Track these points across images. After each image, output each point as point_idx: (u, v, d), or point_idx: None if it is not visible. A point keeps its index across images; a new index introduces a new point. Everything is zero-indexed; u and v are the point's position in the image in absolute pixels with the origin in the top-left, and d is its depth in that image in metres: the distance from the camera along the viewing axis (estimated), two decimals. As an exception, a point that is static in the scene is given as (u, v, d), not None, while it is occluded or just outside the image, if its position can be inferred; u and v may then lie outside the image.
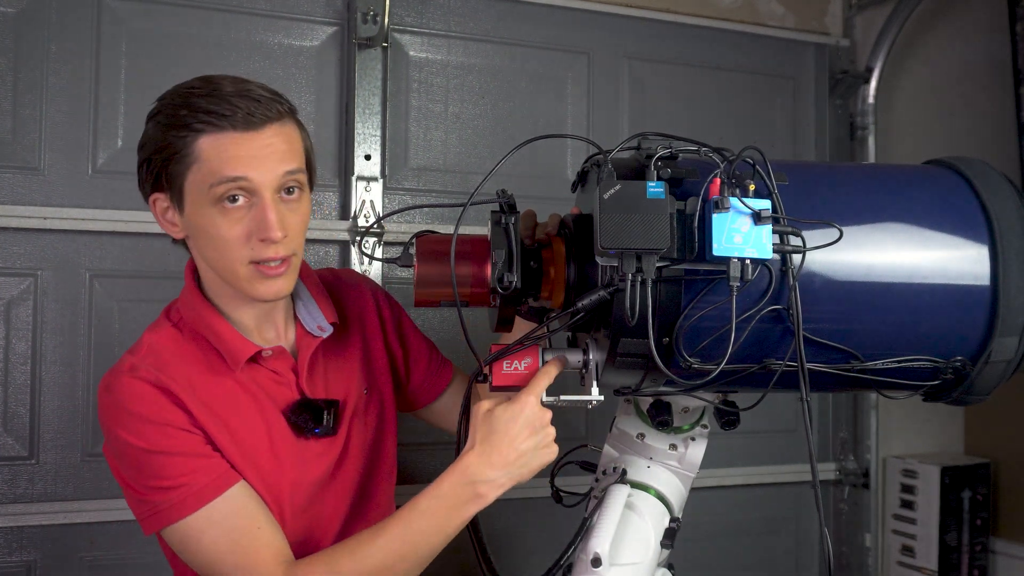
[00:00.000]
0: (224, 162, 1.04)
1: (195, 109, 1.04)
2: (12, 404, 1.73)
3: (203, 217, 1.06)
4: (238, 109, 1.04)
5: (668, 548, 1.13)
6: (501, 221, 1.01)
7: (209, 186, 1.04)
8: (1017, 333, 0.99)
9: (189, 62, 1.83)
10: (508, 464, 1.04)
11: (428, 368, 1.40)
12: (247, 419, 1.14)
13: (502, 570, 1.12)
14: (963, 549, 2.25)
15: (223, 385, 1.13)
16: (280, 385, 1.18)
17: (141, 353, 1.12)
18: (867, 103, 2.35)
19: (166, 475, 1.06)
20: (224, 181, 1.04)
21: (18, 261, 1.73)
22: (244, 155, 1.04)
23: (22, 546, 1.72)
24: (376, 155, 1.93)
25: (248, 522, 1.08)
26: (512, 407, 1.04)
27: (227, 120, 1.04)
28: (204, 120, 1.03)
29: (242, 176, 1.04)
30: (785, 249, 0.94)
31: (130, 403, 1.07)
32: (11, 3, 1.74)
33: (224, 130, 1.04)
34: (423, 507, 1.05)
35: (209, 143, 1.04)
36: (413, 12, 2.03)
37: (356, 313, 1.31)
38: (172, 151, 1.05)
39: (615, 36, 2.19)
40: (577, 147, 2.13)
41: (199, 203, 1.06)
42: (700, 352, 0.96)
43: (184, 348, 1.14)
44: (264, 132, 1.06)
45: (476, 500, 1.05)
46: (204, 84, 1.07)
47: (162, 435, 1.06)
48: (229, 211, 1.05)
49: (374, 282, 1.41)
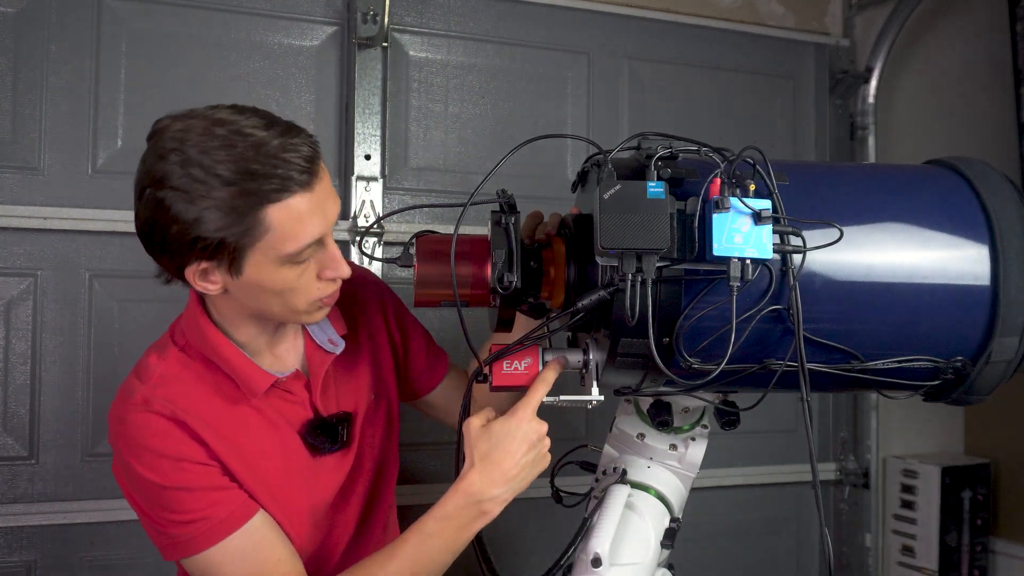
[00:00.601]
0: (300, 229, 0.97)
1: (244, 181, 0.93)
2: (12, 404, 1.73)
3: (270, 277, 1.00)
4: (291, 165, 0.95)
5: (668, 548, 1.13)
6: (501, 221, 1.01)
7: (285, 253, 0.98)
8: (1017, 333, 0.99)
9: (189, 62, 1.83)
10: (509, 480, 1.04)
11: (427, 360, 1.39)
12: (263, 445, 1.11)
13: (502, 570, 1.12)
14: (963, 549, 2.25)
15: (237, 413, 1.10)
16: (293, 405, 1.15)
17: (152, 382, 1.07)
18: (867, 103, 2.35)
19: (185, 509, 1.04)
20: (304, 248, 0.99)
21: (18, 261, 1.73)
22: (314, 214, 0.98)
23: (22, 546, 1.72)
24: (376, 155, 1.93)
25: (268, 554, 1.07)
26: (509, 422, 1.04)
27: (290, 183, 0.95)
28: (267, 192, 0.94)
29: (318, 238, 1.00)
30: (785, 249, 0.94)
31: (145, 438, 1.03)
32: (11, 3, 1.74)
33: (291, 196, 0.95)
34: (431, 530, 1.05)
35: (279, 214, 0.95)
36: (413, 12, 2.03)
37: (363, 317, 1.29)
38: (231, 229, 0.95)
39: (615, 36, 2.19)
40: (577, 147, 2.13)
41: (265, 265, 0.99)
42: (700, 352, 0.96)
43: (194, 375, 1.09)
44: (320, 180, 0.99)
45: (481, 517, 1.06)
46: (250, 149, 0.94)
47: (179, 470, 1.04)
48: (300, 264, 1.01)
49: (374, 275, 1.38)
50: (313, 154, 0.98)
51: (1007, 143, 2.15)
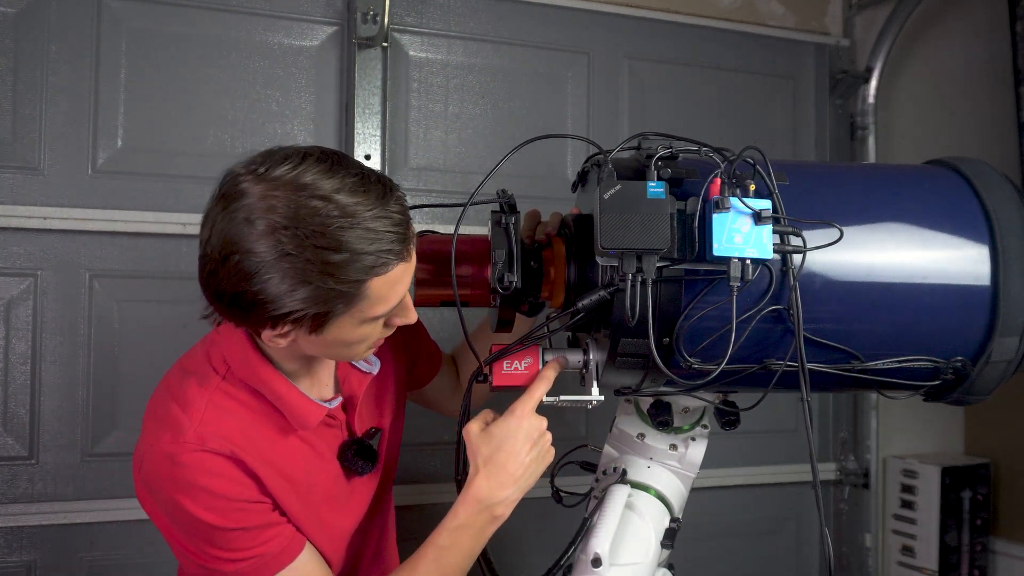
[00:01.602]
0: (392, 294, 0.96)
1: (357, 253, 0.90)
2: (12, 404, 1.72)
3: (350, 333, 0.98)
4: (387, 237, 0.92)
5: (668, 548, 1.13)
6: (501, 221, 1.01)
7: (373, 315, 0.96)
8: (1017, 333, 0.99)
9: (189, 62, 1.83)
10: (516, 480, 1.04)
11: (428, 353, 1.39)
12: (311, 475, 1.10)
13: (502, 570, 1.12)
14: (963, 549, 2.25)
15: (287, 444, 1.08)
16: (333, 428, 1.14)
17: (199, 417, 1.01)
18: (867, 103, 2.35)
19: (237, 548, 1.02)
20: (393, 308, 0.98)
21: (18, 261, 1.73)
22: (405, 277, 0.97)
23: (22, 546, 1.72)
24: (376, 155, 1.93)
25: None
26: (509, 423, 1.04)
27: (392, 256, 0.93)
28: (368, 270, 0.91)
29: (405, 306, 1.01)
30: (786, 249, 0.94)
31: (202, 479, 0.99)
32: (11, 3, 1.73)
33: (391, 268, 0.93)
34: (446, 542, 1.05)
35: (379, 284, 0.93)
36: (413, 12, 2.03)
37: None
38: (333, 300, 0.92)
39: (615, 36, 2.19)
40: (577, 147, 2.13)
41: (349, 327, 0.97)
42: (700, 352, 0.96)
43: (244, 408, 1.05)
44: (412, 244, 0.97)
45: (494, 521, 1.06)
46: (335, 209, 0.89)
47: (236, 510, 1.01)
48: (380, 319, 0.99)
49: None
50: (404, 219, 0.94)
51: (1007, 143, 2.15)
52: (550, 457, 1.08)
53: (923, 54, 2.41)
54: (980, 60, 2.33)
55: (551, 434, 1.08)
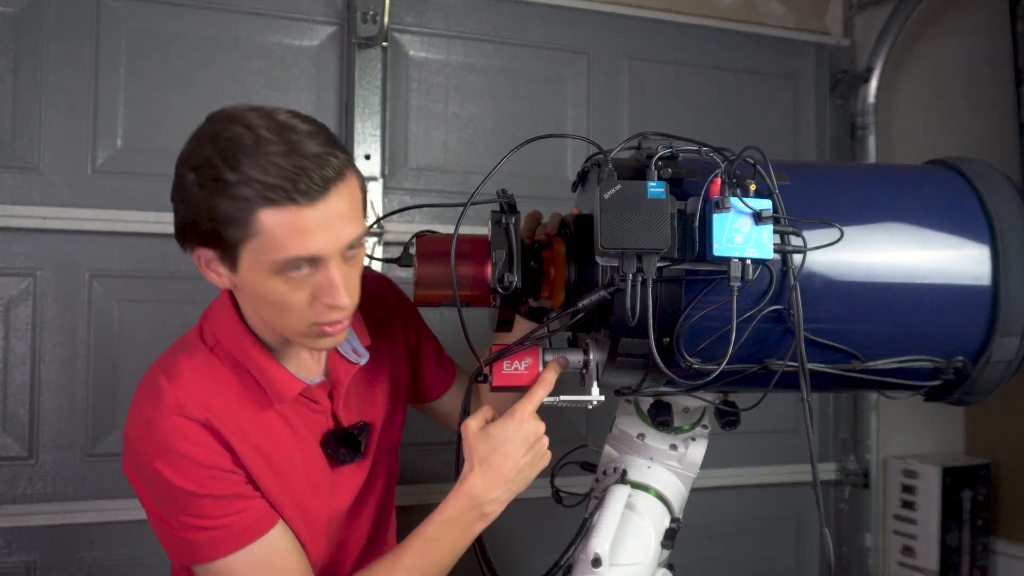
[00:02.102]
0: (290, 239, 0.93)
1: (249, 180, 0.91)
2: (12, 404, 1.72)
3: (261, 284, 0.97)
4: (300, 177, 0.91)
5: (668, 548, 1.13)
6: (501, 221, 1.01)
7: (272, 260, 0.94)
8: (1018, 333, 0.99)
9: (189, 62, 1.83)
10: (509, 482, 1.05)
11: (437, 366, 1.39)
12: (288, 453, 1.10)
13: (502, 570, 1.12)
14: (964, 549, 2.25)
15: (265, 419, 1.09)
16: (316, 414, 1.14)
17: (182, 385, 1.04)
18: (867, 103, 2.35)
19: (208, 515, 1.02)
20: (291, 259, 0.94)
21: (18, 261, 1.73)
22: (311, 230, 0.93)
23: (22, 546, 1.72)
24: (376, 155, 1.93)
25: (284, 565, 1.07)
26: (508, 425, 1.04)
27: (288, 193, 0.91)
28: (264, 195, 0.91)
29: (310, 255, 0.95)
30: (786, 249, 0.94)
31: (177, 443, 1.00)
32: (11, 3, 1.73)
33: (286, 205, 0.91)
34: (433, 535, 1.06)
35: (271, 218, 0.92)
36: (413, 12, 2.02)
37: (384, 328, 1.27)
38: (226, 220, 0.93)
39: (615, 36, 2.19)
40: (577, 147, 2.13)
41: (257, 271, 0.96)
42: (701, 352, 0.96)
43: (226, 379, 1.07)
44: (328, 199, 0.94)
45: (483, 519, 1.06)
46: (253, 142, 0.92)
47: (207, 476, 1.02)
48: (292, 279, 0.96)
49: (389, 280, 1.36)
50: (335, 175, 0.94)
51: (1007, 143, 2.15)
52: (545, 461, 1.09)
53: (923, 54, 2.41)
54: (980, 60, 2.33)
55: (548, 438, 1.08)
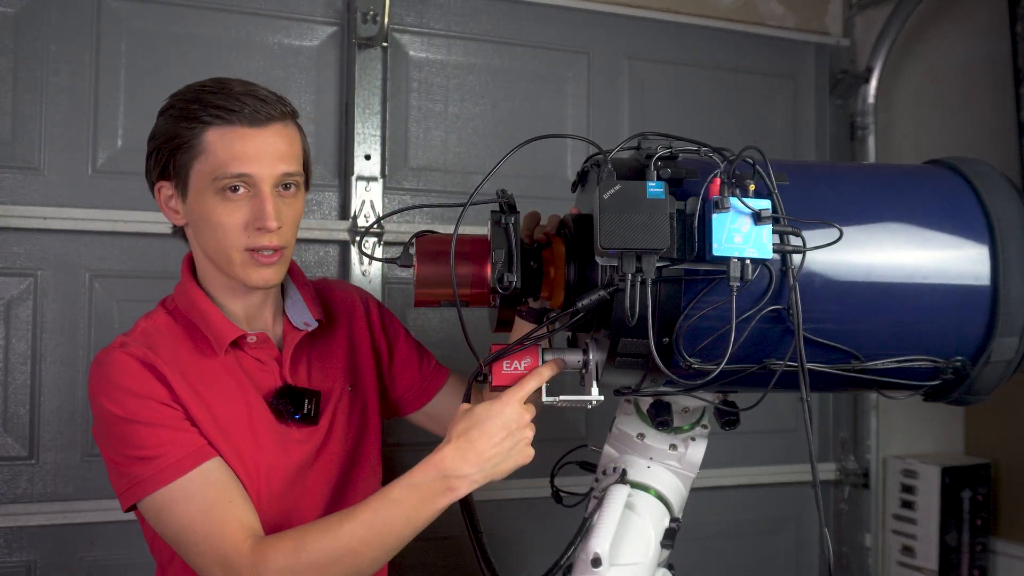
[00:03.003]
0: (230, 157, 1.10)
1: (205, 104, 1.11)
2: (12, 404, 1.73)
3: (205, 205, 1.13)
4: (245, 106, 1.11)
5: (668, 548, 1.13)
6: (501, 221, 1.01)
7: (213, 178, 1.11)
8: (1017, 333, 0.99)
9: (189, 62, 1.83)
10: (483, 461, 1.04)
11: (419, 374, 1.41)
12: (228, 400, 1.17)
13: (502, 570, 1.12)
14: (963, 549, 2.25)
15: (208, 366, 1.18)
16: (263, 373, 1.22)
17: (134, 335, 1.18)
18: (867, 103, 2.35)
19: (144, 444, 1.09)
20: (229, 176, 1.10)
21: (18, 261, 1.73)
22: (249, 151, 1.11)
23: (22, 546, 1.72)
24: (376, 155, 1.93)
25: (221, 495, 1.10)
26: (493, 406, 1.04)
27: (235, 115, 1.10)
28: (213, 114, 1.10)
29: (246, 172, 1.11)
30: (785, 249, 0.94)
31: (116, 375, 1.12)
32: (11, 3, 1.74)
33: (232, 124, 1.10)
34: (394, 496, 1.05)
35: (216, 136, 1.10)
36: (413, 12, 2.03)
37: (344, 315, 1.35)
38: (180, 141, 1.12)
39: (615, 36, 2.19)
40: (577, 147, 2.13)
41: (202, 191, 1.12)
42: (700, 352, 0.96)
43: (174, 331, 1.19)
44: (268, 130, 1.12)
45: (447, 493, 1.05)
46: (215, 83, 1.14)
47: (142, 406, 1.10)
48: (230, 200, 1.12)
49: (364, 290, 1.45)
50: (272, 111, 1.12)
51: (1007, 143, 2.15)
52: (525, 456, 1.07)
53: (923, 54, 2.41)
54: (980, 60, 2.33)
55: (533, 434, 1.07)
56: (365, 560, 1.05)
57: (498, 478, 1.07)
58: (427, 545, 1.78)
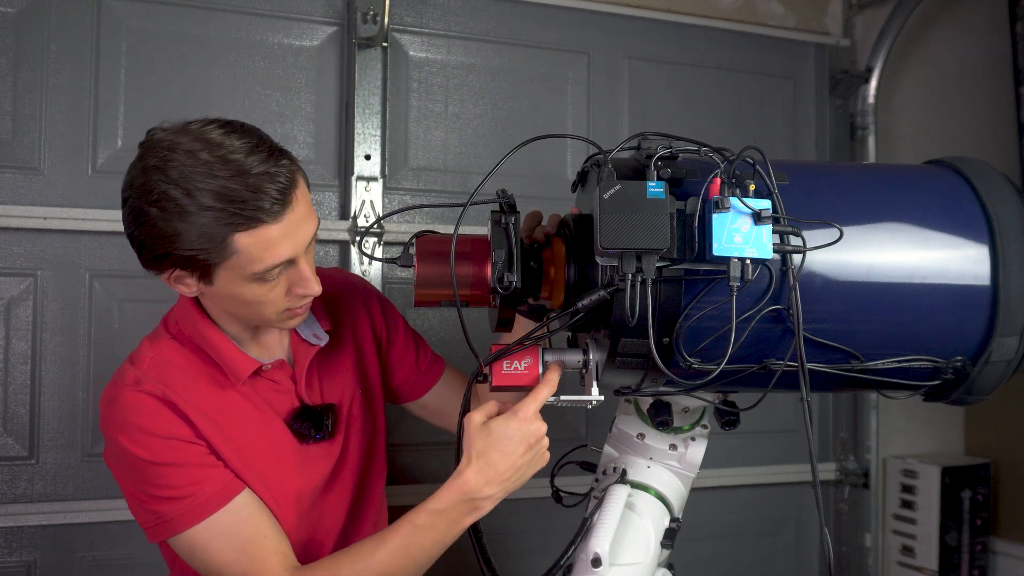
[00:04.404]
0: (265, 253, 1.01)
1: (214, 208, 0.97)
2: (12, 404, 1.72)
3: (239, 290, 1.05)
4: (264, 196, 0.99)
5: (668, 548, 1.13)
6: (501, 221, 1.01)
7: (252, 272, 1.03)
8: (1017, 333, 0.99)
9: (189, 62, 1.83)
10: (504, 480, 1.05)
11: (416, 364, 1.41)
12: (249, 429, 1.15)
13: (502, 570, 1.12)
14: (963, 549, 2.25)
15: (225, 397, 1.15)
16: (279, 394, 1.19)
17: (144, 366, 1.12)
18: (867, 103, 2.35)
19: (172, 485, 1.07)
20: (267, 270, 1.03)
21: (18, 261, 1.73)
22: (281, 241, 1.02)
23: (22, 546, 1.72)
24: (376, 155, 1.93)
25: (254, 531, 1.09)
26: (510, 424, 1.04)
27: (256, 216, 0.99)
28: (231, 221, 0.98)
29: (286, 260, 1.04)
30: (785, 249, 0.94)
31: (135, 417, 1.08)
32: (11, 3, 1.74)
33: (256, 227, 0.99)
34: (422, 523, 1.06)
35: (245, 240, 1.00)
36: (413, 12, 2.03)
37: (348, 316, 1.34)
38: (202, 247, 1.00)
39: (615, 36, 2.19)
40: (577, 147, 2.13)
41: (235, 281, 1.04)
42: (700, 352, 0.96)
43: (186, 361, 1.15)
44: (289, 211, 1.02)
45: (473, 513, 1.07)
46: (197, 166, 0.97)
47: (167, 447, 1.07)
48: (268, 280, 1.05)
49: (362, 279, 1.42)
50: (289, 184, 1.01)
51: (1007, 143, 2.15)
52: (543, 462, 1.09)
53: (923, 54, 2.41)
54: (980, 60, 2.33)
55: (548, 439, 1.08)
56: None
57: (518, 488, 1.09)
58: (427, 545, 1.78)
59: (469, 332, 1.02)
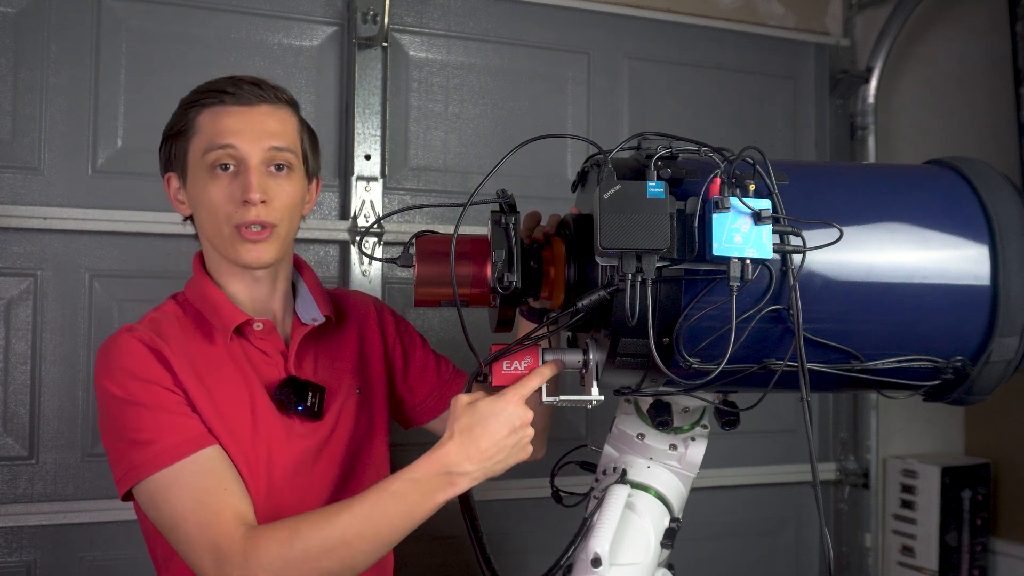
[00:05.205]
0: (216, 131, 1.14)
1: (204, 90, 1.18)
2: (12, 404, 1.73)
3: (198, 185, 1.16)
4: (240, 90, 1.16)
5: (668, 548, 1.13)
6: (501, 221, 1.01)
7: (203, 153, 1.15)
8: (1017, 333, 0.99)
9: (189, 62, 1.83)
10: (485, 459, 1.04)
11: (437, 378, 1.41)
12: (231, 388, 1.17)
13: (502, 570, 1.12)
14: (963, 549, 2.25)
15: (213, 353, 1.18)
16: (269, 365, 1.22)
17: (143, 322, 1.19)
18: (867, 103, 2.35)
19: (142, 428, 1.09)
20: (214, 148, 1.14)
21: (18, 261, 1.73)
22: (235, 126, 1.15)
23: (22, 546, 1.72)
24: (376, 155, 1.93)
25: (216, 483, 1.09)
26: (496, 403, 1.04)
27: (226, 96, 1.15)
28: (208, 97, 1.16)
29: (229, 144, 1.14)
30: (785, 249, 0.94)
31: (120, 357, 1.13)
32: (11, 3, 1.74)
33: (223, 104, 1.15)
34: (394, 489, 1.04)
35: (207, 116, 1.16)
36: (413, 12, 2.03)
37: (356, 318, 1.36)
38: (180, 127, 1.18)
39: (615, 36, 2.19)
40: (577, 147, 2.13)
41: (196, 172, 1.17)
42: (700, 352, 0.96)
43: (182, 320, 1.21)
44: (256, 109, 1.16)
45: (447, 489, 1.04)
46: (227, 77, 1.20)
47: (143, 389, 1.11)
48: (219, 177, 1.15)
49: (380, 300, 1.46)
50: (270, 98, 1.17)
51: (1007, 143, 2.15)
52: (525, 453, 1.07)
53: (923, 54, 2.41)
54: (980, 60, 2.33)
55: (533, 433, 1.07)
56: (359, 553, 1.04)
57: (496, 475, 1.07)
58: (427, 545, 1.77)
59: (469, 332, 1.02)
